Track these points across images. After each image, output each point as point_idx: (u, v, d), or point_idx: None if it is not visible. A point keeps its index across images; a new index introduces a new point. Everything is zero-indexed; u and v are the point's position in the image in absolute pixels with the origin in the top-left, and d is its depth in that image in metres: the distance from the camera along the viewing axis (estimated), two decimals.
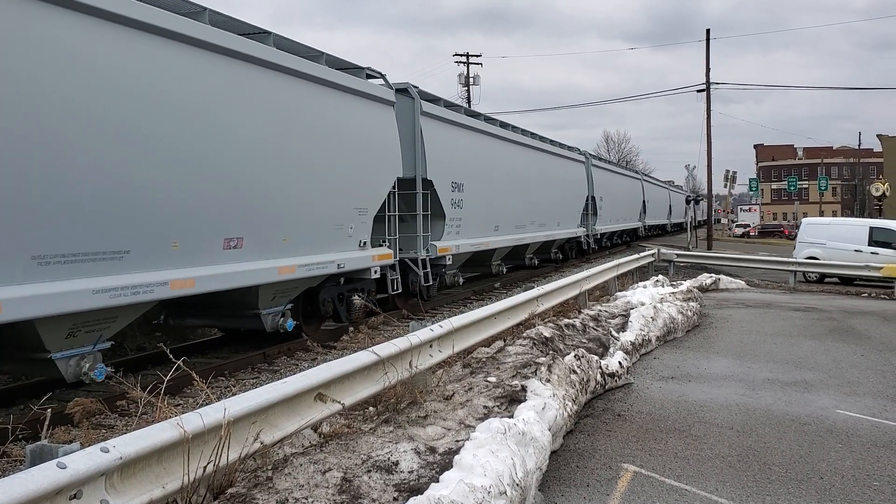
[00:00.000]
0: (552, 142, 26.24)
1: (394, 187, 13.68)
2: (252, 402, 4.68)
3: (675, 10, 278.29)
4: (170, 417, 4.25)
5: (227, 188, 9.28)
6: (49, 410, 4.76)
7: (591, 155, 32.93)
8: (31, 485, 3.10)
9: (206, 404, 4.71)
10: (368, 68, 13.07)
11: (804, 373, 9.55)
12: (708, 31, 38.91)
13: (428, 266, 15.53)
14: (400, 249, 14.40)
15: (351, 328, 12.78)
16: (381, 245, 13.54)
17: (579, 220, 29.36)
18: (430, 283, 15.71)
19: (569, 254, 29.45)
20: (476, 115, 19.69)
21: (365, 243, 12.73)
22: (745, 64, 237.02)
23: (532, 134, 23.85)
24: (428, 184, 15.42)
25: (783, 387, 8.74)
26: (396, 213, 14.00)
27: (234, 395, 4.97)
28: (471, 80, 49.88)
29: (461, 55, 50.22)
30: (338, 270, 11.83)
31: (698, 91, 39.17)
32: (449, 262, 16.69)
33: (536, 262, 24.78)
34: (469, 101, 47.91)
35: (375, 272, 13.10)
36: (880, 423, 7.23)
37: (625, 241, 42.36)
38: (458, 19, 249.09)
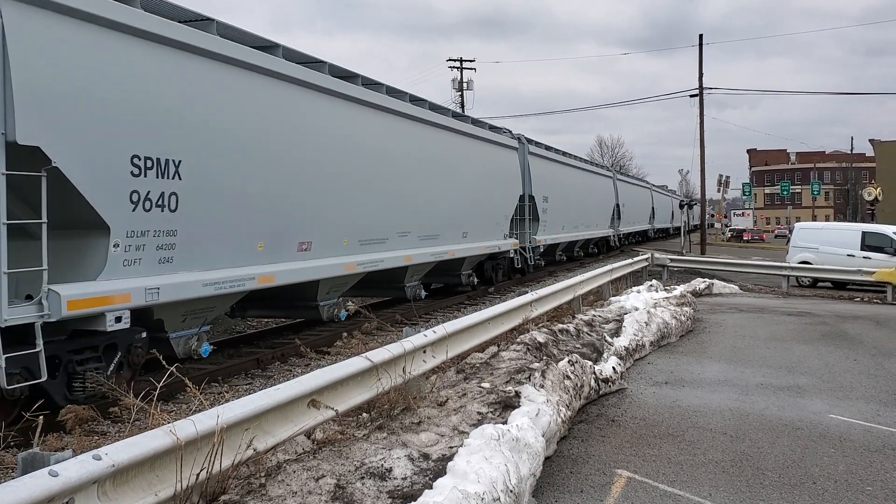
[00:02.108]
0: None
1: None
2: (245, 408, 4.67)
3: (671, 17, 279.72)
4: (163, 424, 4.24)
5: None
6: (41, 418, 4.74)
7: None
8: (23, 493, 3.09)
9: (199, 411, 4.69)
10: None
11: (797, 377, 9.57)
12: (701, 36, 39.01)
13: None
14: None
15: (345, 333, 12.76)
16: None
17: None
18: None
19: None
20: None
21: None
22: (740, 70, 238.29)
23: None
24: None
25: (776, 391, 8.76)
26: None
27: (227, 401, 4.95)
28: (464, 84, 49.95)
29: (455, 60, 50.37)
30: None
31: (691, 96, 39.29)
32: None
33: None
34: (462, 106, 47.95)
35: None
36: (873, 428, 7.26)
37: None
38: (455, 26, 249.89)
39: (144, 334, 8.67)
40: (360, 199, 12.89)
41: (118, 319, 7.87)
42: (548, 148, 26.84)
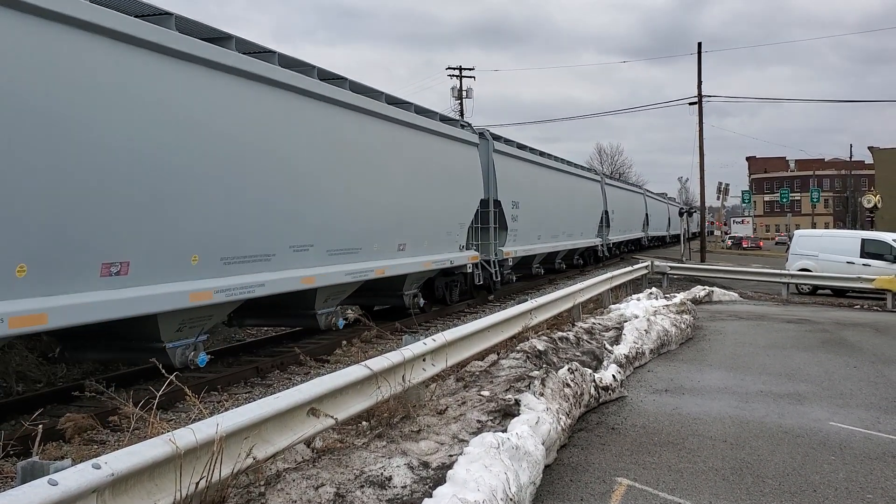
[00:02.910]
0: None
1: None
2: (245, 417, 4.66)
3: (671, 26, 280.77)
4: (162, 433, 4.24)
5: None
6: (40, 426, 4.73)
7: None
8: (23, 502, 3.08)
9: (199, 419, 4.69)
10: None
11: (797, 385, 9.57)
12: (699, 44, 39.14)
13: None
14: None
15: (344, 341, 12.77)
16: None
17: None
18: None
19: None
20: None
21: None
22: (740, 78, 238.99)
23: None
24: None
25: (776, 399, 8.76)
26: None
27: (226, 409, 4.95)
28: (464, 92, 50.09)
29: (454, 68, 50.48)
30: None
31: (690, 104, 39.39)
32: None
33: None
34: (462, 114, 48.07)
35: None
36: (873, 436, 7.25)
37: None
38: (456, 35, 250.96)
39: None
40: (215, 205, 9.26)
41: None
42: (520, 146, 23.26)
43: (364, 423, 6.45)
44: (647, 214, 51.41)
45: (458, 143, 17.55)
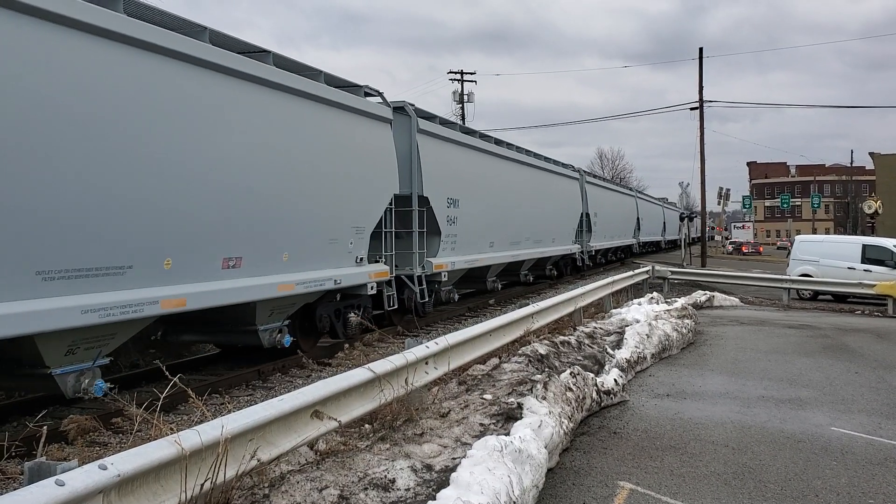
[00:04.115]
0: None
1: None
2: (249, 419, 4.68)
3: (674, 32, 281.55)
4: (166, 435, 4.25)
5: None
6: (45, 428, 4.75)
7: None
8: (30, 502, 3.11)
9: (202, 421, 4.70)
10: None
11: (798, 390, 9.58)
12: (700, 49, 39.21)
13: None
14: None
15: (346, 345, 12.74)
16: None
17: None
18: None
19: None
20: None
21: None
22: (742, 84, 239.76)
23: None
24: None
25: (778, 404, 8.76)
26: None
27: (229, 412, 4.96)
28: (465, 97, 50.15)
29: (455, 72, 50.54)
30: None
31: (692, 109, 39.46)
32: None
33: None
34: (463, 118, 48.15)
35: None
36: (875, 441, 7.26)
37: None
38: (460, 40, 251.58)
39: None
40: None
41: None
42: (465, 129, 19.16)
43: (367, 425, 6.47)
44: (638, 218, 46.96)
45: (356, 115, 12.48)
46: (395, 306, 14.39)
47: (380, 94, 13.58)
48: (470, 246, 17.88)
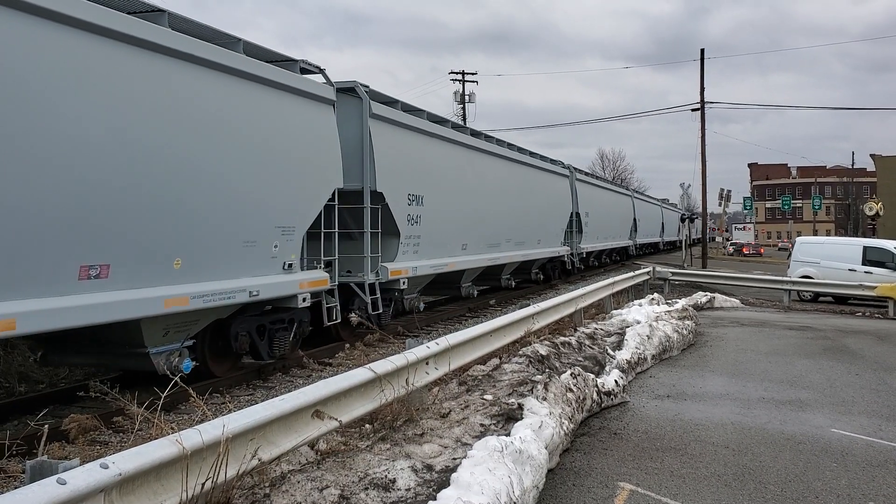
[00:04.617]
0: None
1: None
2: (250, 418, 4.69)
3: (677, 34, 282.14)
4: (167, 434, 4.26)
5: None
6: (46, 426, 4.76)
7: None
8: (32, 500, 3.11)
9: (202, 421, 4.71)
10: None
11: (799, 392, 9.58)
12: (702, 50, 39.21)
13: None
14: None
15: (347, 345, 12.54)
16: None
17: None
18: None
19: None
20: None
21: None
22: (744, 85, 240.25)
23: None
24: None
25: (778, 405, 8.77)
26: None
27: (230, 411, 4.97)
28: (466, 97, 50.15)
29: (457, 73, 50.55)
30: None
31: (693, 110, 39.48)
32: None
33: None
34: (464, 118, 48.15)
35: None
36: (875, 443, 7.26)
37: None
38: (462, 41, 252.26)
39: None
40: None
41: None
42: (434, 117, 16.40)
43: (367, 425, 6.48)
44: (635, 219, 44.98)
45: (287, 94, 10.44)
46: (338, 320, 12.05)
47: (321, 72, 11.55)
48: (437, 248, 15.83)
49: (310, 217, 11.06)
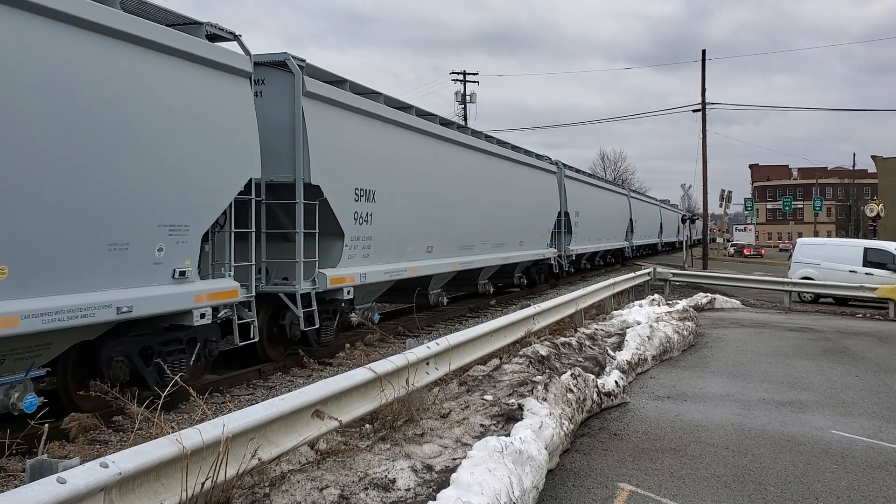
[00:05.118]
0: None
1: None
2: (250, 418, 4.69)
3: (679, 35, 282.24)
4: (167, 433, 4.26)
5: None
6: (46, 425, 4.76)
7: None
8: (32, 499, 3.11)
9: (202, 420, 4.71)
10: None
11: (799, 393, 9.57)
12: (703, 51, 39.24)
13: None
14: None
15: (347, 345, 12.37)
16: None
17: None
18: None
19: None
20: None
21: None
22: (746, 87, 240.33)
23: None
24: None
25: (778, 407, 8.76)
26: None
27: (230, 411, 4.97)
28: (467, 97, 50.15)
29: (458, 73, 50.53)
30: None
31: (694, 111, 39.51)
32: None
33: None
34: (465, 118, 48.14)
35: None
36: (875, 444, 7.26)
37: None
38: (465, 41, 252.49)
39: None
40: None
41: None
42: (394, 102, 14.08)
43: (367, 425, 6.48)
44: (631, 219, 42.50)
45: (183, 62, 8.52)
46: (255, 338, 10.11)
47: (236, 38, 9.63)
48: (395, 252, 13.77)
49: (212, 214, 9.13)
